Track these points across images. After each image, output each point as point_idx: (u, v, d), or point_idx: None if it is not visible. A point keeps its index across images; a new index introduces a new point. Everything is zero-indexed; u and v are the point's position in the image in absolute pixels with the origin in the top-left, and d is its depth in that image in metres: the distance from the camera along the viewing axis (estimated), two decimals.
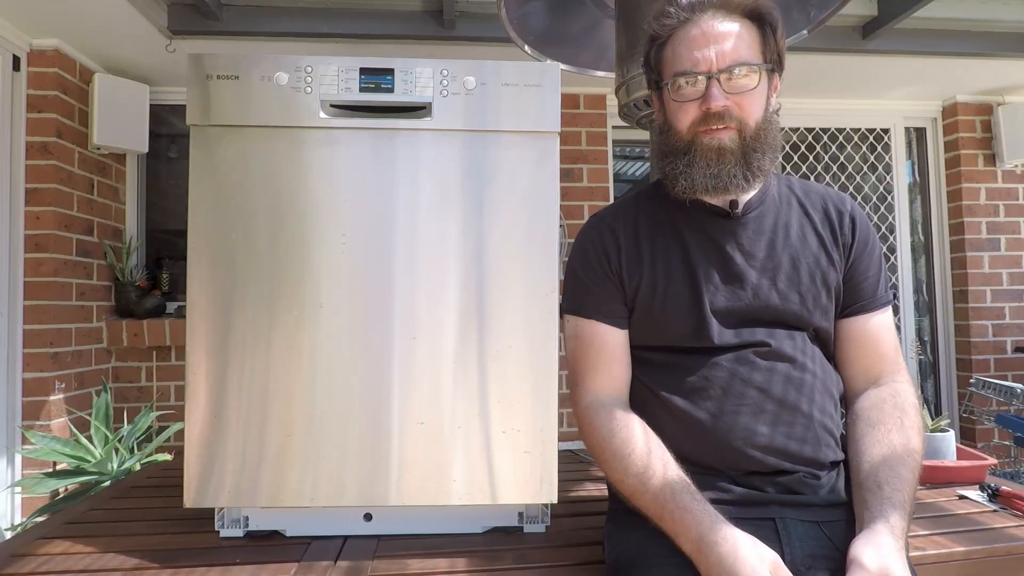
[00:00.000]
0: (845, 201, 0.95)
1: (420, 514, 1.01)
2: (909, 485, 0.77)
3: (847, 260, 0.92)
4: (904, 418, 0.84)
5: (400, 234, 0.95)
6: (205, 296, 0.94)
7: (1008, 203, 3.03)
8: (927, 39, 2.45)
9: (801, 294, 0.88)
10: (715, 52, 0.85)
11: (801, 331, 0.89)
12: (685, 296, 0.89)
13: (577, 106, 2.82)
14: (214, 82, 0.94)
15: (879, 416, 0.85)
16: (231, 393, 0.94)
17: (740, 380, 0.85)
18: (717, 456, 0.84)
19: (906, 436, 0.82)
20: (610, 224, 0.95)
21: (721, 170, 0.85)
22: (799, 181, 0.98)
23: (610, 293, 0.92)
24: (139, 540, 0.98)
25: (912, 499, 0.77)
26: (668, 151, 0.90)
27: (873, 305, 0.92)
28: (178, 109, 2.79)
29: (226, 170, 0.95)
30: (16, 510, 2.24)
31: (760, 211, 0.91)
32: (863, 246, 0.92)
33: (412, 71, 0.96)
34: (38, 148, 2.27)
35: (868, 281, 0.92)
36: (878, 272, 0.93)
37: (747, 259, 0.89)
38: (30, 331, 2.23)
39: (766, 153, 0.88)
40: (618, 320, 0.92)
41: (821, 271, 0.90)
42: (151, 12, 2.10)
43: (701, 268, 0.89)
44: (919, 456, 0.81)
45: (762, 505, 0.81)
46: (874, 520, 0.74)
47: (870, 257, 0.93)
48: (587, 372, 0.91)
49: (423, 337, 0.95)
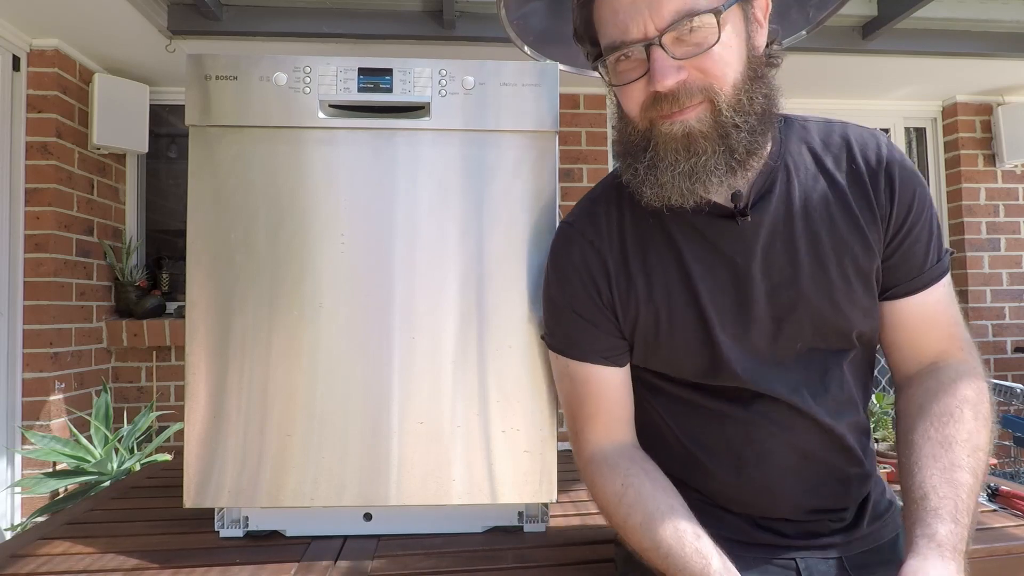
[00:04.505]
0: (878, 148, 0.71)
1: (420, 514, 1.01)
2: (967, 490, 0.63)
3: (887, 235, 0.70)
4: (965, 408, 0.68)
5: (399, 234, 0.95)
6: (205, 296, 0.94)
7: (1008, 203, 3.03)
8: (927, 39, 2.45)
9: (834, 300, 0.70)
10: (647, 8, 0.62)
11: (839, 352, 0.73)
12: (693, 331, 0.73)
13: (577, 106, 2.82)
14: (213, 82, 0.94)
15: (932, 406, 0.68)
16: (231, 393, 0.94)
17: (765, 431, 0.72)
18: (737, 505, 0.75)
19: (964, 430, 0.66)
20: (592, 239, 0.77)
21: (695, 165, 0.64)
22: (816, 125, 0.75)
23: (605, 329, 0.76)
24: (139, 540, 0.98)
25: (971, 507, 0.63)
26: (627, 148, 0.70)
27: (923, 282, 0.71)
28: (178, 109, 2.80)
29: (225, 170, 0.95)
30: (16, 510, 2.24)
31: (772, 200, 0.70)
32: (906, 210, 0.70)
33: (411, 71, 0.96)
34: (38, 148, 2.27)
35: (916, 254, 0.71)
36: (928, 236, 0.71)
37: (764, 273, 0.71)
38: (30, 331, 2.24)
39: (756, 127, 0.65)
40: (617, 358, 0.77)
41: (854, 261, 0.70)
42: (151, 12, 2.10)
43: (707, 294, 0.72)
44: (984, 453, 0.66)
45: (783, 548, 0.73)
46: (916, 540, 0.61)
47: (916, 221, 0.70)
48: (587, 421, 0.78)
49: (423, 336, 0.95)
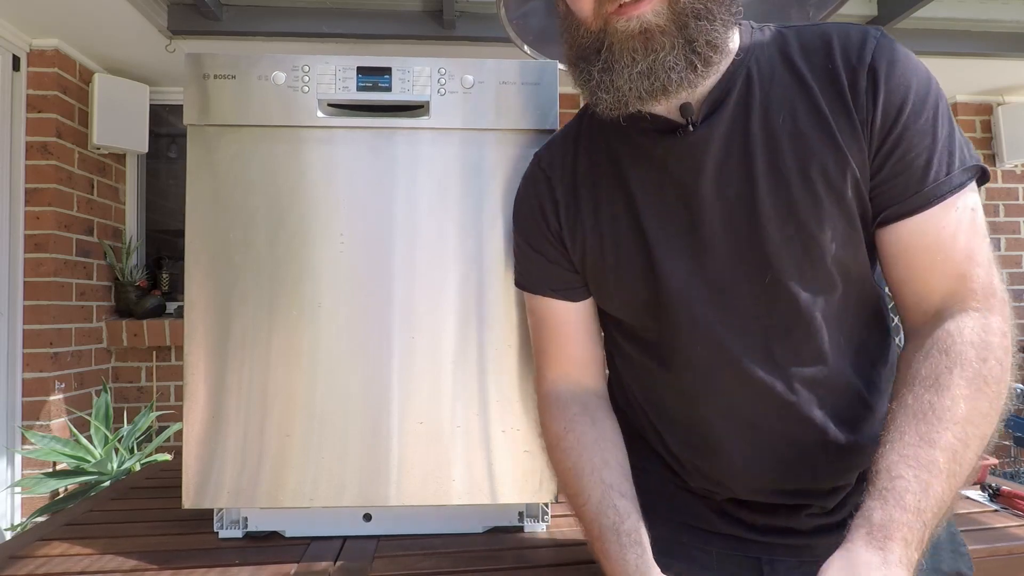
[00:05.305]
0: (863, 45, 0.59)
1: (420, 514, 1.00)
2: (935, 471, 0.51)
3: (871, 144, 0.59)
4: (955, 371, 0.54)
5: (399, 233, 0.95)
6: (204, 296, 0.94)
7: (1008, 203, 3.03)
8: (927, 39, 2.45)
9: (799, 220, 0.60)
10: None
11: (815, 291, 0.62)
12: (637, 258, 0.66)
13: (577, 106, 2.82)
14: (211, 82, 0.94)
15: (920, 368, 0.56)
16: (230, 393, 0.94)
17: (709, 394, 0.65)
18: (695, 480, 0.70)
19: (949, 397, 0.53)
20: (546, 168, 0.74)
21: (654, 64, 0.57)
22: (800, 29, 0.63)
23: (554, 260, 0.73)
24: (138, 541, 0.98)
25: (941, 493, 0.51)
26: (579, 54, 0.62)
27: (920, 201, 0.58)
28: (178, 109, 2.80)
29: (224, 170, 0.94)
30: (16, 510, 2.24)
31: (726, 110, 0.61)
32: (895, 112, 0.58)
33: (410, 70, 0.96)
34: (38, 148, 2.27)
35: (912, 166, 0.58)
36: (931, 144, 0.58)
37: (716, 192, 0.62)
38: (30, 331, 2.24)
39: (716, 14, 0.57)
40: (569, 292, 0.74)
41: (823, 173, 0.59)
42: (151, 12, 2.10)
43: (651, 218, 0.65)
44: (977, 428, 0.53)
45: (748, 544, 0.67)
46: (850, 529, 0.52)
47: (910, 125, 0.58)
48: (543, 356, 0.78)
49: (422, 336, 0.95)
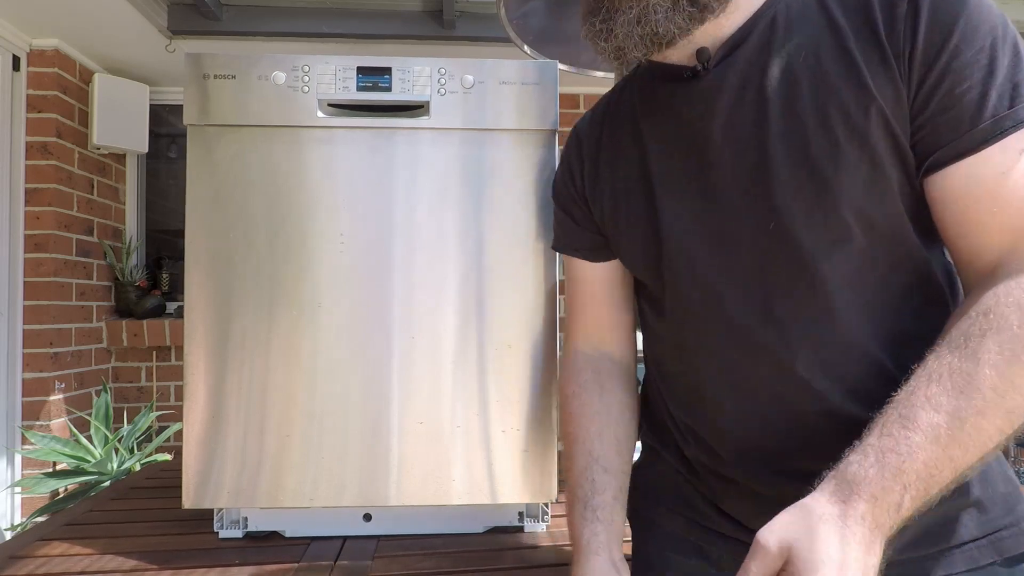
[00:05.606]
0: None
1: (420, 514, 1.00)
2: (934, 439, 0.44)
3: (911, 77, 0.51)
4: (989, 336, 0.46)
5: (399, 233, 0.95)
6: (203, 296, 0.94)
7: None
8: None
9: (814, 164, 0.54)
10: None
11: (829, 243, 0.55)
12: (642, 212, 0.64)
13: (577, 106, 2.82)
14: (211, 81, 0.94)
15: (953, 329, 0.49)
16: (230, 393, 0.94)
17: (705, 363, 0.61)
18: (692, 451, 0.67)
19: (972, 361, 0.46)
20: (580, 132, 0.74)
21: (644, 9, 0.54)
22: None
23: (580, 220, 0.73)
24: (138, 541, 0.98)
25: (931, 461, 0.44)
26: (587, 8, 0.60)
27: (974, 141, 0.50)
28: (178, 109, 2.80)
29: (224, 170, 0.94)
30: (16, 510, 2.24)
31: (743, 52, 0.57)
32: (941, 40, 0.50)
33: (410, 70, 0.96)
34: (38, 148, 2.27)
35: (962, 102, 0.50)
36: (985, 78, 0.50)
37: (727, 135, 0.58)
38: (30, 331, 2.24)
39: None
40: (593, 252, 0.73)
41: (843, 111, 0.53)
42: (151, 12, 2.10)
43: (656, 163, 0.62)
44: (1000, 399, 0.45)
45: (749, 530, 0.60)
46: (825, 481, 0.46)
47: (958, 55, 0.50)
48: (571, 316, 0.78)
49: (422, 336, 0.95)
